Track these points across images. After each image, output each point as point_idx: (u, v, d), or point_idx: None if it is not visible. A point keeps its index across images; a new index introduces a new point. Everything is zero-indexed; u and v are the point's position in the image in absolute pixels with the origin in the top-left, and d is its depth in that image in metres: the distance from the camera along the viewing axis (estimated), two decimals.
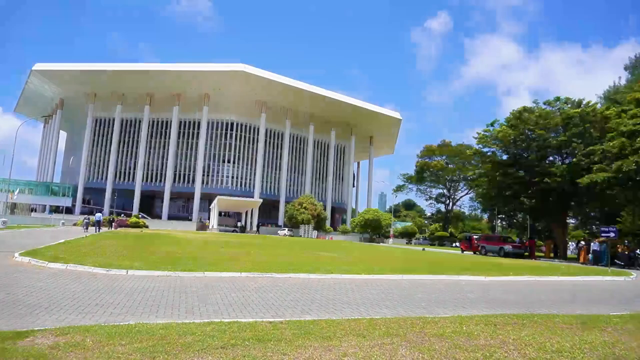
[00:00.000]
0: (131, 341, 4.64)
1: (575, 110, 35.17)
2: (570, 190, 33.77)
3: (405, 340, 5.19)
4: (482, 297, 10.35)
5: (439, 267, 17.91)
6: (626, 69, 56.02)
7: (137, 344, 4.56)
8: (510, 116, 38.25)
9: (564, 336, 5.81)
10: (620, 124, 27.57)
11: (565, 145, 35.30)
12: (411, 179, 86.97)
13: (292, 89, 71.02)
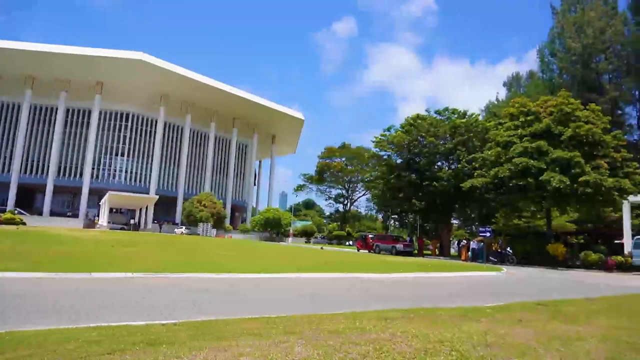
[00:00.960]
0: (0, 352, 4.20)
1: (461, 121, 38.46)
2: (455, 193, 36.83)
3: (302, 337, 5.32)
4: (376, 293, 10.91)
5: (336, 265, 18.51)
6: (504, 86, 62.47)
7: (9, 354, 4.14)
8: (405, 122, 40.70)
9: (446, 327, 6.36)
10: (497, 135, 30.67)
11: (452, 152, 38.44)
12: (312, 179, 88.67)
13: (193, 82, 68.57)
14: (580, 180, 25.32)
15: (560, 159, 26.15)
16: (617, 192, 26.17)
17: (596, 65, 47.37)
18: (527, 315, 7.86)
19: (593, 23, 46.92)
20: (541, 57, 55.13)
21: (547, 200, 27.94)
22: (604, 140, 27.39)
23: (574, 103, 28.83)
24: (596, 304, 9.92)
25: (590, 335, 6.21)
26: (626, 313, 8.66)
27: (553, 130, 27.74)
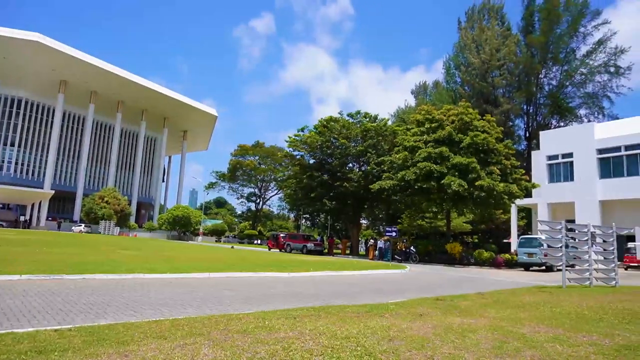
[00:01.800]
0: None
1: (372, 125, 39.96)
2: (365, 194, 38.17)
3: (209, 339, 5.20)
4: (286, 292, 10.97)
5: (246, 265, 18.32)
6: (412, 93, 65.92)
7: None
8: (319, 124, 41.39)
9: (352, 324, 6.57)
10: (405, 140, 32.29)
11: (362, 154, 39.79)
12: (224, 177, 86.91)
13: (97, 69, 63.87)
14: (476, 185, 27.45)
15: (460, 165, 28.16)
16: (507, 196, 28.77)
17: (492, 79, 51.70)
18: (427, 310, 8.36)
19: (490, 41, 51.18)
20: (447, 69, 59.07)
21: (448, 202, 29.95)
22: (497, 149, 29.94)
23: (472, 113, 31.18)
24: (487, 298, 10.82)
25: (481, 327, 6.76)
26: (511, 305, 9.55)
27: (454, 137, 29.79)
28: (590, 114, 50.08)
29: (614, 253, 16.05)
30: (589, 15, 48.25)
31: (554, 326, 7.13)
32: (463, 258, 30.06)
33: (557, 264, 15.66)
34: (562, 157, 35.09)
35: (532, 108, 53.27)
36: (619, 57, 47.06)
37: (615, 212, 31.85)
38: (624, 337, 6.39)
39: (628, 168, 31.74)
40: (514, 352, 5.21)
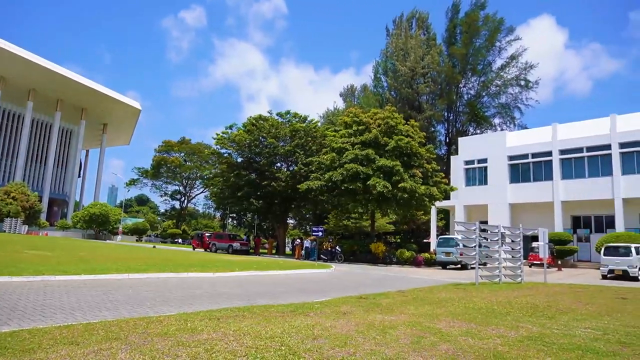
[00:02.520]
0: None
1: (301, 125, 40.19)
2: (292, 194, 38.30)
3: (126, 343, 4.97)
4: (210, 293, 10.73)
5: (169, 265, 17.68)
6: (341, 96, 67.14)
7: None
8: (248, 122, 40.93)
9: (277, 323, 6.57)
10: (333, 142, 32.83)
11: (291, 154, 39.91)
12: (147, 174, 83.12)
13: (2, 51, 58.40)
14: (399, 187, 28.54)
15: (385, 167, 29.13)
16: (428, 198, 30.20)
17: (417, 86, 54.04)
18: (351, 308, 8.57)
19: (416, 50, 53.49)
20: (375, 73, 60.88)
21: (373, 203, 30.86)
22: (419, 153, 31.33)
23: (398, 118, 32.38)
24: (407, 296, 11.29)
25: (401, 323, 7.05)
26: (429, 302, 10.04)
27: (380, 140, 30.75)
28: (503, 123, 54.01)
29: (521, 252, 17.43)
30: (504, 31, 52.04)
31: (467, 321, 7.59)
32: (386, 257, 31.07)
33: (471, 263, 16.72)
34: (477, 163, 37.45)
35: (452, 115, 56.39)
36: (528, 71, 51.24)
37: (522, 214, 34.55)
38: (526, 329, 6.95)
39: (534, 174, 34.56)
40: (430, 347, 5.48)
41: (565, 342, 6.06)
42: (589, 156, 31.89)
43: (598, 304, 10.89)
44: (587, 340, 6.23)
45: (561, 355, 5.24)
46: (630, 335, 6.72)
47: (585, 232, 32.97)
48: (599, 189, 30.70)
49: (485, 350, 5.39)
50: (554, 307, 9.95)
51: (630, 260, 20.21)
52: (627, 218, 29.72)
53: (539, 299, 11.54)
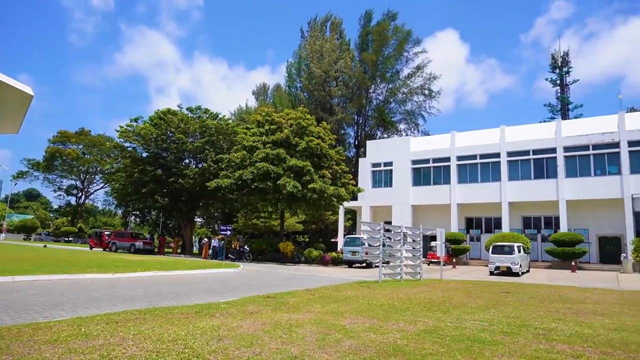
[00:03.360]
0: None
1: (212, 122, 39.21)
2: (201, 192, 37.21)
3: (8, 353, 4.51)
4: (108, 295, 10.08)
5: (62, 266, 16.32)
6: (253, 94, 66.57)
7: None
8: (155, 115, 39.06)
9: (180, 325, 6.35)
10: (244, 139, 32.43)
11: (200, 151, 38.75)
12: (38, 166, 75.66)
13: None
14: (309, 187, 28.94)
15: (295, 167, 29.38)
16: (336, 198, 30.97)
17: (329, 89, 55.21)
18: (258, 308, 8.53)
19: (329, 53, 54.61)
20: (288, 74, 61.10)
21: (282, 203, 30.96)
22: (329, 154, 32.02)
23: (310, 119, 32.83)
24: (314, 294, 11.49)
25: (307, 322, 7.16)
26: (335, 300, 10.31)
27: (291, 140, 30.96)
28: (408, 129, 57.01)
29: (420, 251, 18.55)
30: (411, 42, 54.98)
31: (370, 317, 7.92)
32: (294, 256, 31.33)
33: (376, 261, 17.42)
34: (384, 165, 39.16)
35: (362, 119, 58.38)
36: (432, 82, 54.68)
37: (423, 215, 36.74)
38: (424, 323, 7.42)
39: (434, 178, 36.94)
40: (335, 343, 5.63)
41: (457, 333, 6.56)
42: (482, 163, 34.76)
43: (486, 298, 11.91)
44: (475, 332, 6.80)
45: (453, 346, 5.66)
46: (511, 326, 7.45)
47: (476, 232, 35.89)
48: (490, 193, 33.60)
49: (386, 344, 5.66)
50: (448, 302, 10.71)
51: (513, 257, 22.37)
52: (512, 220, 32.86)
53: (436, 294, 12.36)
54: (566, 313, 9.25)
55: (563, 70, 57.46)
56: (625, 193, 28.33)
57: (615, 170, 29.40)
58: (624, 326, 7.77)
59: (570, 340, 6.30)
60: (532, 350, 5.57)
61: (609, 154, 29.90)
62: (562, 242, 28.52)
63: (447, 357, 5.10)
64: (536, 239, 32.48)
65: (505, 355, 5.26)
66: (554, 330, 7.11)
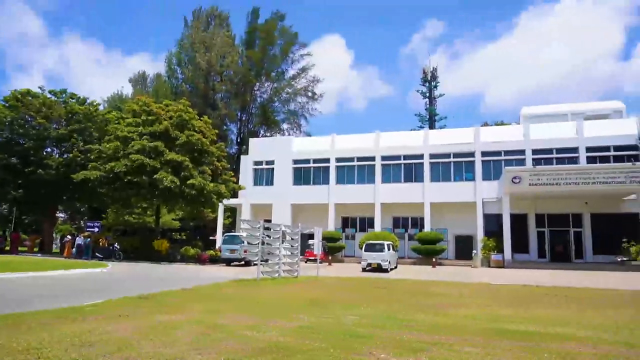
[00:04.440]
0: None
1: (80, 107, 35.77)
2: (65, 184, 33.72)
3: None
4: None
5: None
6: (130, 82, 62.18)
7: None
8: (11, 96, 34.49)
9: (34, 333, 5.74)
10: (118, 129, 30.12)
11: (66, 139, 35.11)
12: None
13: None
14: (188, 183, 27.90)
15: (174, 161, 28.10)
16: (216, 195, 30.27)
17: (214, 83, 53.76)
18: (130, 310, 8.02)
19: (216, 47, 53.19)
20: (169, 63, 58.09)
21: (159, 198, 29.40)
22: (210, 150, 31.18)
23: (191, 112, 31.61)
24: (192, 293, 11.14)
25: (185, 322, 6.91)
26: (213, 299, 10.11)
27: (171, 133, 29.54)
28: (291, 129, 57.83)
29: (298, 249, 18.99)
30: (297, 44, 55.94)
31: (250, 315, 7.91)
32: (170, 255, 29.99)
33: (254, 259, 17.44)
34: (265, 164, 39.28)
35: (246, 116, 57.83)
36: (315, 85, 56.24)
37: (302, 214, 37.59)
38: (302, 320, 7.62)
39: (314, 178, 38.04)
40: (214, 343, 5.53)
41: (333, 329, 6.87)
42: (358, 165, 36.67)
43: (358, 293, 12.62)
44: (349, 326, 7.18)
45: (330, 341, 5.91)
46: (381, 319, 8.01)
47: (352, 231, 37.75)
48: (365, 194, 35.58)
49: (264, 342, 5.71)
50: (325, 298, 11.14)
51: (383, 255, 23.98)
52: (384, 219, 35.19)
53: (312, 291, 12.77)
54: (428, 305, 10.19)
55: (432, 84, 62.99)
56: (478, 197, 32.04)
57: (471, 177, 33.10)
58: (474, 315, 8.80)
59: (431, 330, 6.97)
60: (398, 340, 6.04)
61: (466, 162, 33.56)
62: (426, 241, 31.31)
63: (324, 351, 5.31)
64: (404, 238, 35.17)
65: (375, 347, 5.64)
66: (418, 321, 7.80)
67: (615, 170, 25.34)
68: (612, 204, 29.31)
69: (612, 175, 25.26)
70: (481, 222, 31.70)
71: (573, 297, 12.31)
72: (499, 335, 6.60)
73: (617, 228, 28.39)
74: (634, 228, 26.51)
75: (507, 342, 6.17)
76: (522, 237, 30.86)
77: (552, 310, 9.78)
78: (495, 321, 8.02)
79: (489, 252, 28.74)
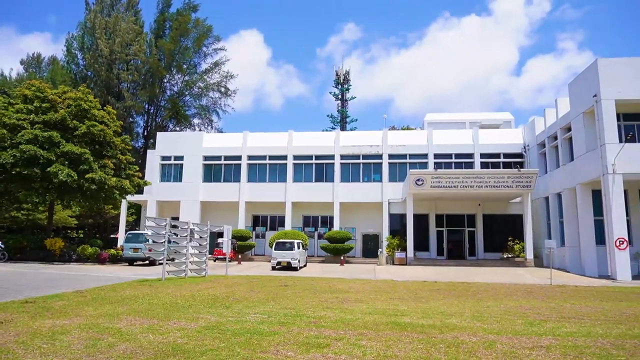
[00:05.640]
0: None
1: None
2: None
3: None
4: None
5: None
6: (22, 64, 56.57)
7: None
8: None
9: None
10: (5, 116, 27.21)
11: None
12: None
13: None
14: (87, 177, 25.97)
15: (71, 153, 26.00)
16: (119, 191, 28.50)
17: (119, 72, 50.53)
18: (11, 316, 7.30)
19: (122, 34, 50.03)
20: (69, 47, 53.61)
21: (52, 193, 27.02)
22: (113, 142, 29.28)
23: (93, 101, 29.44)
24: (86, 296, 10.39)
25: (76, 327, 6.43)
26: (111, 301, 9.52)
27: (68, 123, 27.30)
28: (202, 124, 56.11)
29: (207, 247, 18.53)
30: (211, 38, 54.38)
31: (150, 317, 7.57)
32: (64, 254, 27.69)
33: (159, 258, 16.73)
34: (174, 159, 37.72)
35: (154, 108, 55.06)
36: (229, 80, 55.10)
37: (212, 212, 36.65)
38: (206, 319, 7.45)
39: (225, 175, 37.25)
40: (107, 348, 5.21)
41: (238, 327, 6.79)
42: (270, 164, 36.56)
43: (266, 291, 12.61)
44: (255, 324, 7.15)
45: (233, 340, 5.84)
46: (287, 316, 8.07)
47: (262, 230, 37.53)
48: (276, 193, 35.58)
49: (165, 344, 5.50)
50: (231, 297, 10.98)
51: (293, 253, 24.19)
52: (294, 218, 35.45)
53: (220, 290, 12.52)
54: (334, 302, 10.46)
55: (344, 87, 64.65)
56: (384, 198, 33.49)
57: (378, 178, 34.49)
58: (376, 310, 9.19)
59: (335, 326, 7.17)
60: (304, 337, 6.14)
61: (374, 164, 34.93)
62: (335, 239, 32.07)
63: (227, 351, 5.24)
64: (314, 237, 35.71)
65: (280, 344, 5.68)
66: (323, 318, 7.98)
67: (504, 175, 27.81)
68: (501, 206, 32.19)
69: (501, 179, 27.70)
70: (387, 221, 33.17)
71: (466, 291, 13.35)
72: (400, 329, 6.97)
73: (505, 228, 31.32)
74: (519, 228, 29.39)
75: (407, 334, 6.53)
76: (424, 236, 32.80)
77: (448, 304, 10.52)
78: (396, 316, 8.45)
79: (393, 251, 30.14)
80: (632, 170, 20.26)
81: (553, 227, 27.52)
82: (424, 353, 5.47)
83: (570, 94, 25.05)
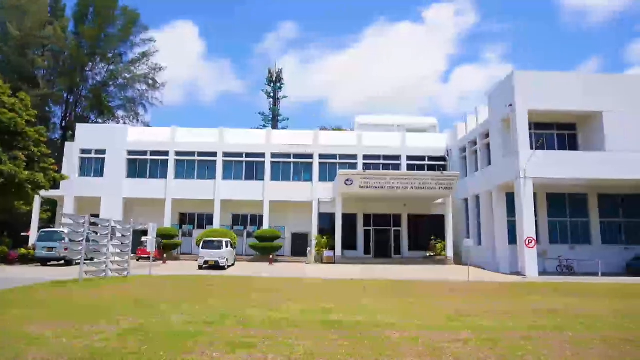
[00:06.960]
0: None
1: None
2: None
3: None
4: None
5: None
6: None
7: None
8: None
9: None
10: None
11: None
12: None
13: None
14: None
15: None
16: (32, 185, 26.45)
17: (33, 57, 46.75)
18: None
19: (37, 16, 46.33)
20: None
21: None
22: (26, 133, 27.14)
23: (3, 87, 27.10)
24: None
25: None
26: (19, 305, 8.86)
27: None
28: (127, 117, 53.24)
29: (129, 246, 17.71)
30: (138, 27, 51.72)
31: (68, 320, 7.13)
32: None
33: (76, 258, 15.76)
34: (95, 153, 35.60)
35: (74, 98, 51.47)
36: (157, 72, 52.72)
37: (136, 209, 35.00)
38: (127, 322, 7.14)
39: (151, 171, 35.73)
40: (18, 356, 4.86)
41: (162, 329, 6.59)
42: (199, 160, 35.60)
43: (192, 292, 12.31)
44: (179, 325, 6.97)
45: (157, 342, 5.66)
46: (214, 316, 7.94)
47: (189, 228, 36.47)
48: (205, 190, 34.70)
49: (81, 349, 5.22)
50: (155, 298, 10.61)
51: (221, 252, 23.76)
52: (223, 216, 34.78)
53: (143, 291, 12.05)
54: (262, 301, 10.44)
55: (277, 85, 64.43)
56: (314, 197, 33.82)
57: (309, 178, 34.77)
58: (304, 309, 9.30)
59: (263, 325, 7.17)
60: (230, 337, 6.09)
61: (305, 163, 35.14)
62: (264, 238, 31.90)
63: (150, 354, 5.07)
64: (243, 235, 35.27)
65: (206, 345, 5.59)
66: (251, 317, 7.94)
67: (428, 177, 29.16)
68: (425, 207, 33.68)
69: (426, 181, 29.02)
70: (316, 220, 33.53)
71: (392, 289, 13.86)
72: (328, 327, 7.11)
73: (428, 227, 32.85)
74: (441, 227, 30.95)
75: (335, 332, 6.68)
76: (352, 235, 33.54)
77: (375, 301, 10.86)
78: (324, 314, 8.60)
79: (322, 249, 30.56)
80: (540, 175, 22.02)
81: (471, 227, 29.28)
82: (351, 349, 5.63)
83: (489, 102, 26.79)
